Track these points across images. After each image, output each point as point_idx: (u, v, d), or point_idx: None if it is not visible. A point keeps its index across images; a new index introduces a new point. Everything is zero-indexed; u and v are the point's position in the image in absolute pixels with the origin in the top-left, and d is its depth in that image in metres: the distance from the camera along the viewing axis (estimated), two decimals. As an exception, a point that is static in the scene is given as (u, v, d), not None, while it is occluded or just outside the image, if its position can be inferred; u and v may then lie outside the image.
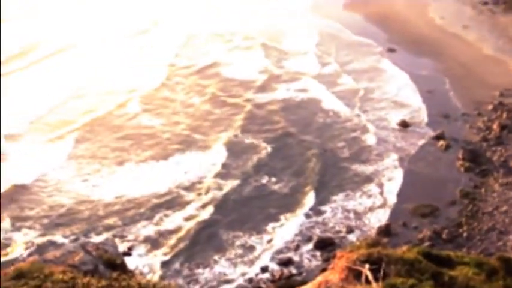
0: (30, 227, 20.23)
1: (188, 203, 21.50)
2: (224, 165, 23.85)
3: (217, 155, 24.65)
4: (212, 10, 46.56)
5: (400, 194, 21.97)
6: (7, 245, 19.00)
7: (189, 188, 22.40)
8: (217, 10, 46.57)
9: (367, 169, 23.73)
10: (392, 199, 21.74)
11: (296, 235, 19.89)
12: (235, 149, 25.02)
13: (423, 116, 28.10)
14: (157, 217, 20.68)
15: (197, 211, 20.96)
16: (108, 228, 20.14)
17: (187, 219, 20.60)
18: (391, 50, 36.71)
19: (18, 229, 20.06)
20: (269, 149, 24.98)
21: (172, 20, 44.03)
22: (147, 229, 20.05)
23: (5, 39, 37.66)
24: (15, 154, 24.79)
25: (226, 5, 48.06)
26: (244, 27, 41.67)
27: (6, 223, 20.18)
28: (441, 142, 25.48)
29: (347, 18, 43.36)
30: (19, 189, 22.17)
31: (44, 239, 19.49)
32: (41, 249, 18.51)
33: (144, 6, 47.53)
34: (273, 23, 42.67)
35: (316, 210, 21.07)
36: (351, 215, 20.95)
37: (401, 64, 34.33)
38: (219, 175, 23.18)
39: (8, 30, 40.85)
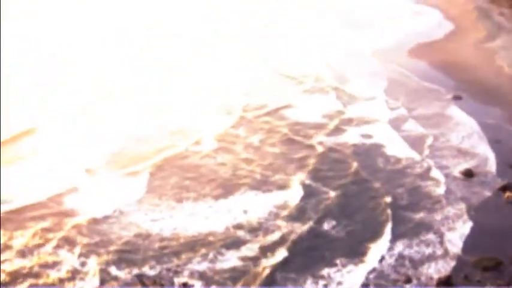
0: (89, 257, 20.25)
1: (244, 243, 20.94)
2: (287, 207, 23.26)
3: (281, 196, 24.10)
4: (279, 50, 46.62)
5: (463, 245, 20.82)
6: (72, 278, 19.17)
7: (247, 229, 21.83)
8: (284, 50, 46.64)
9: (429, 217, 22.67)
10: (453, 250, 20.63)
11: (352, 282, 19.07)
12: (300, 192, 24.35)
13: (489, 166, 26.79)
14: (211, 255, 20.23)
15: (254, 252, 20.40)
16: (164, 262, 19.91)
17: (243, 259, 20.05)
18: (457, 98, 35.68)
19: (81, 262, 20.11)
20: (337, 194, 24.25)
21: (244, 61, 43.98)
22: (201, 266, 19.69)
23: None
24: (86, 188, 24.92)
25: (291, 46, 48.18)
26: (313, 69, 41.29)
27: (74, 254, 20.38)
28: (508, 193, 24.20)
29: (412, 64, 42.72)
30: (89, 222, 22.32)
31: (103, 271, 19.43)
32: (100, 280, 18.84)
33: (217, 46, 48.04)
34: (340, 66, 42.27)
35: (375, 257, 20.20)
36: (409, 264, 19.97)
37: (468, 112, 33.18)
38: (280, 217, 22.59)
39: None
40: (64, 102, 34.98)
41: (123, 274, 19.38)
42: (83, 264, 19.86)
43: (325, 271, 19.53)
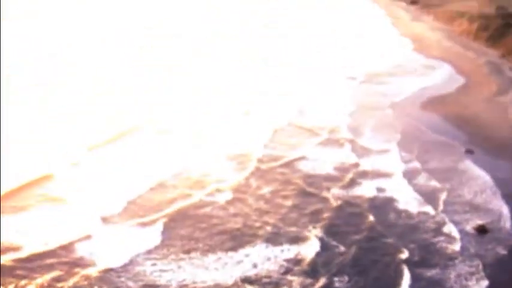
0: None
1: (252, 298, 20.35)
2: (299, 262, 22.73)
3: (293, 250, 23.56)
4: (295, 103, 46.65)
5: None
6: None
7: (256, 283, 21.29)
8: (300, 101, 46.76)
9: (443, 275, 22.10)
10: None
11: None
12: (313, 247, 23.85)
13: (503, 222, 26.20)
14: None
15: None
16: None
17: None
18: (469, 152, 35.28)
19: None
20: (351, 249, 23.72)
21: (261, 111, 44.13)
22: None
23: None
24: (99, 237, 24.67)
25: (309, 97, 48.43)
26: (329, 121, 41.26)
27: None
28: (522, 251, 23.66)
29: (425, 118, 42.53)
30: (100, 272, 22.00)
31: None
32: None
33: (236, 97, 48.32)
34: (356, 118, 42.08)
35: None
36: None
37: (481, 166, 32.73)
38: (291, 272, 22.02)
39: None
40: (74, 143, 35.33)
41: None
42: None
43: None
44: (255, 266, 22.41)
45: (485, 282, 21.71)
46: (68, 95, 46.17)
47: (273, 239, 24.44)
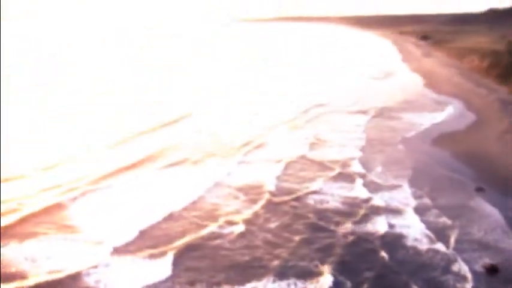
0: None
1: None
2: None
3: (301, 286, 23.25)
4: (307, 135, 46.99)
5: None
6: None
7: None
8: (311, 136, 47.01)
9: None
10: None
11: None
12: (323, 283, 23.47)
13: (515, 262, 25.91)
14: None
15: None
16: None
17: None
18: (480, 189, 34.96)
19: None
20: (361, 286, 23.34)
21: (274, 144, 44.60)
22: None
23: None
24: (109, 267, 24.59)
25: (322, 130, 48.67)
26: (342, 156, 41.34)
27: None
28: (534, 292, 23.28)
29: (436, 154, 42.28)
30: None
31: None
32: None
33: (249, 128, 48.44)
34: (368, 154, 42.00)
35: None
36: None
37: (491, 204, 32.33)
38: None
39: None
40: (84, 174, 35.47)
41: None
42: None
43: None
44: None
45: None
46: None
47: (282, 273, 24.11)
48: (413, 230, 28.80)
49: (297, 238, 27.39)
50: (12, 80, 38.67)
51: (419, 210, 31.36)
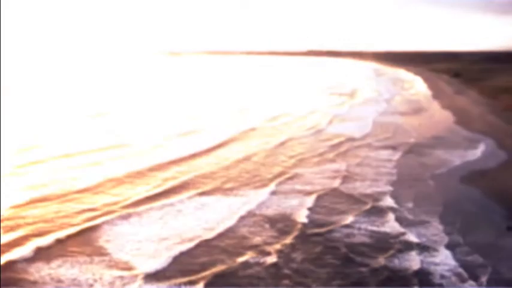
0: None
1: None
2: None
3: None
4: (339, 169, 46.97)
5: None
6: None
7: None
8: (344, 170, 46.92)
9: None
10: None
11: None
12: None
13: (546, 304, 25.62)
14: None
15: None
16: None
17: None
18: (510, 228, 34.66)
19: None
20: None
21: (306, 176, 44.64)
22: None
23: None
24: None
25: (349, 166, 48.60)
26: (372, 190, 41.26)
27: None
28: None
29: (467, 191, 41.82)
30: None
31: None
32: None
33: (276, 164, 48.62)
34: (399, 189, 41.77)
35: None
36: None
37: (523, 243, 32.11)
38: None
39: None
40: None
41: None
42: None
43: None
44: None
45: None
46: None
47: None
48: (446, 267, 28.50)
49: (329, 271, 27.37)
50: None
51: (451, 247, 31.04)
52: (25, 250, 28.35)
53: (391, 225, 34.12)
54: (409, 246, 30.90)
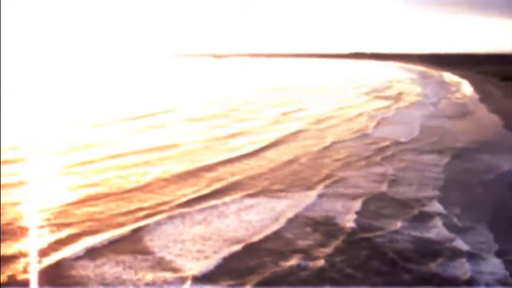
0: None
1: None
2: None
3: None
4: (386, 174, 46.31)
5: None
6: None
7: None
8: (390, 176, 46.14)
9: None
10: None
11: None
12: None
13: None
14: None
15: None
16: None
17: None
18: None
19: None
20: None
21: (353, 179, 44.25)
22: None
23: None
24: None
25: (397, 171, 47.86)
26: (421, 194, 40.45)
27: None
28: None
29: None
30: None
31: None
32: None
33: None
34: (445, 194, 40.91)
35: None
36: None
37: None
38: None
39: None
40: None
41: None
42: None
43: None
44: None
45: None
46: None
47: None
48: (497, 276, 27.60)
49: (377, 276, 26.90)
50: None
51: (501, 255, 30.18)
52: (72, 249, 28.57)
53: (439, 231, 33.38)
54: (458, 253, 30.14)
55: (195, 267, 26.69)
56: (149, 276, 25.60)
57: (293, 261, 28.03)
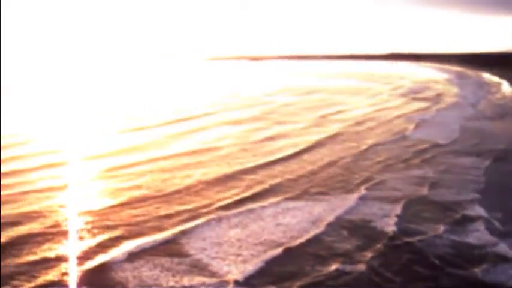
0: None
1: None
2: None
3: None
4: (426, 178, 45.48)
5: None
6: None
7: None
8: (431, 178, 45.37)
9: None
10: None
11: None
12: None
13: None
14: None
15: None
16: None
17: None
18: None
19: None
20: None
21: (393, 182, 43.62)
22: None
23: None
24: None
25: (437, 174, 46.97)
26: (462, 197, 39.65)
27: None
28: None
29: None
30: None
31: None
32: None
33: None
34: (486, 198, 39.88)
35: None
36: None
37: None
38: None
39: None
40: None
41: None
42: None
43: None
44: None
45: None
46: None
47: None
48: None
49: (420, 282, 26.28)
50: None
51: (550, 260, 29.39)
52: (112, 252, 28.62)
53: (481, 235, 32.61)
54: (502, 258, 29.32)
55: (236, 271, 26.52)
56: (189, 280, 25.52)
57: (334, 266, 27.66)
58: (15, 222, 32.61)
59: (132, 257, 28.14)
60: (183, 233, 31.56)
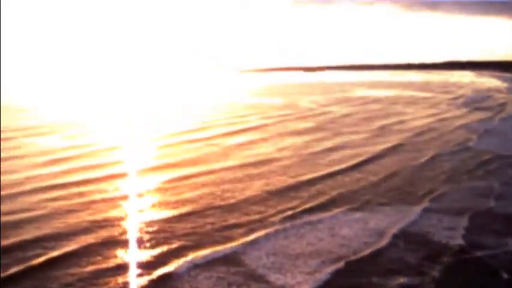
0: None
1: None
2: None
3: None
4: (492, 190, 44.24)
5: None
6: None
7: None
8: (496, 191, 44.04)
9: None
10: None
11: None
12: None
13: None
14: None
15: None
16: None
17: None
18: None
19: None
20: None
21: (457, 194, 42.69)
22: None
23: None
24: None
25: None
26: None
27: None
28: None
29: None
30: None
31: None
32: None
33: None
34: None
35: None
36: None
37: None
38: None
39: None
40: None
41: None
42: None
43: None
44: None
45: None
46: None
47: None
48: None
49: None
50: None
51: None
52: (171, 264, 28.58)
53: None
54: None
55: (303, 284, 26.20)
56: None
57: (399, 280, 26.98)
58: (76, 231, 33.18)
59: (196, 268, 28.24)
60: (247, 244, 31.41)
